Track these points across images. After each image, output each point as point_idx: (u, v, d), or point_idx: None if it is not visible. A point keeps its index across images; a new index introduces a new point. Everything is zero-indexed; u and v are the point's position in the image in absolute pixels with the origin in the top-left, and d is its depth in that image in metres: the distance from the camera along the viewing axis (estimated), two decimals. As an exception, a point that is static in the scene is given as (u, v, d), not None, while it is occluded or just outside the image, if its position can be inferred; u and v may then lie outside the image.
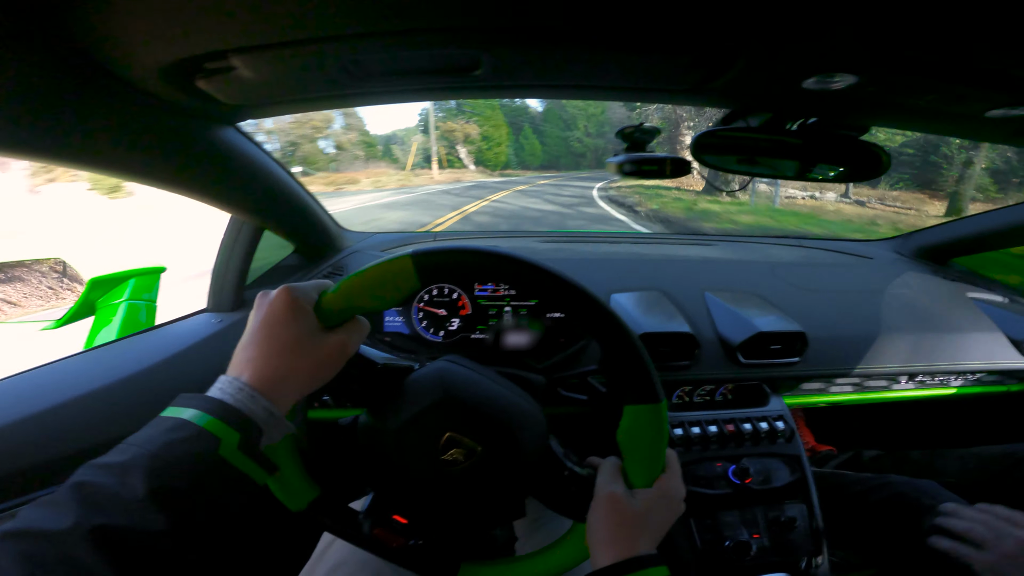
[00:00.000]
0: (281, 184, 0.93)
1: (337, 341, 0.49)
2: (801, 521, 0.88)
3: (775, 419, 0.95)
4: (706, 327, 1.04)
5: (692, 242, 1.51)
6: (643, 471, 0.58)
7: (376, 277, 0.51)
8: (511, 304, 1.01)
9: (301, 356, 0.46)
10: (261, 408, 0.43)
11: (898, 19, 0.43)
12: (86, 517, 0.34)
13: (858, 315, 1.13)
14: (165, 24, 0.43)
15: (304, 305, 0.48)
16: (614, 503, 0.56)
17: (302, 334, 0.47)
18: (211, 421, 0.40)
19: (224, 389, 0.43)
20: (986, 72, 0.54)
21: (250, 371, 0.45)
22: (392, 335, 1.00)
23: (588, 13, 0.44)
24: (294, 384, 0.46)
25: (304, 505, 0.57)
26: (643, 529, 0.55)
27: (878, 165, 0.81)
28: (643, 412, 0.56)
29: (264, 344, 0.46)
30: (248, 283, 1.06)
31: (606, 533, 0.55)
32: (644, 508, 0.56)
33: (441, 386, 0.57)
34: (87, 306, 1.00)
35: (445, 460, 0.56)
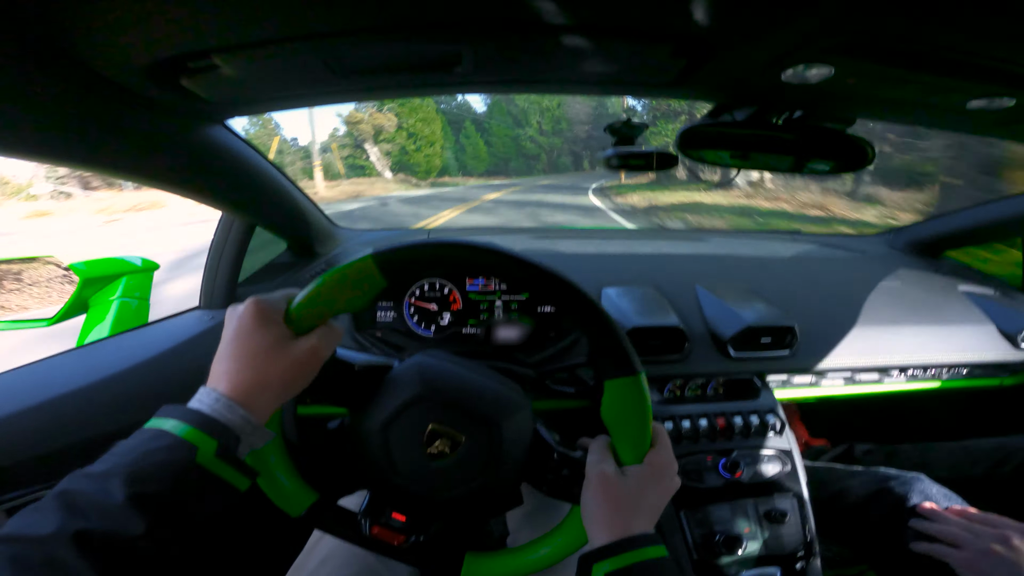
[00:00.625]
0: (271, 181, 0.93)
1: (308, 347, 0.50)
2: (792, 514, 0.89)
3: (766, 412, 0.96)
4: (697, 321, 1.04)
5: (686, 237, 1.51)
6: (631, 447, 0.58)
7: (340, 280, 0.53)
8: (502, 299, 1.01)
9: (273, 364, 0.48)
10: (238, 417, 0.45)
11: (868, 8, 0.43)
12: (69, 522, 0.36)
13: (849, 309, 1.13)
14: (146, 24, 0.43)
15: (271, 315, 0.50)
16: (605, 482, 0.55)
17: (272, 343, 0.48)
18: (189, 431, 0.42)
19: (202, 400, 0.45)
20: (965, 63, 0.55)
21: (225, 382, 0.47)
22: (383, 329, 1.01)
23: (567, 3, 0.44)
24: (269, 392, 0.48)
25: (303, 510, 0.58)
26: (637, 507, 0.55)
27: (863, 158, 0.81)
28: (622, 385, 0.56)
29: (236, 356, 0.48)
30: (241, 280, 1.07)
31: (600, 513, 0.55)
32: (636, 485, 0.55)
33: (419, 380, 0.58)
34: (80, 303, 1.01)
35: (432, 453, 0.57)
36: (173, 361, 0.89)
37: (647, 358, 0.97)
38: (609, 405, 0.57)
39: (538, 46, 0.53)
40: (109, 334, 0.98)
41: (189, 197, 0.82)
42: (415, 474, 0.57)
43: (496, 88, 0.63)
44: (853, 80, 0.62)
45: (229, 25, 0.45)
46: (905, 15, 0.43)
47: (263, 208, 0.98)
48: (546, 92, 0.68)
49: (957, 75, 0.59)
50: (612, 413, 0.57)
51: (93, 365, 0.84)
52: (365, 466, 0.59)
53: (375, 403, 0.58)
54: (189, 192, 0.80)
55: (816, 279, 1.23)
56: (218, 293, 1.02)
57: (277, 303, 0.52)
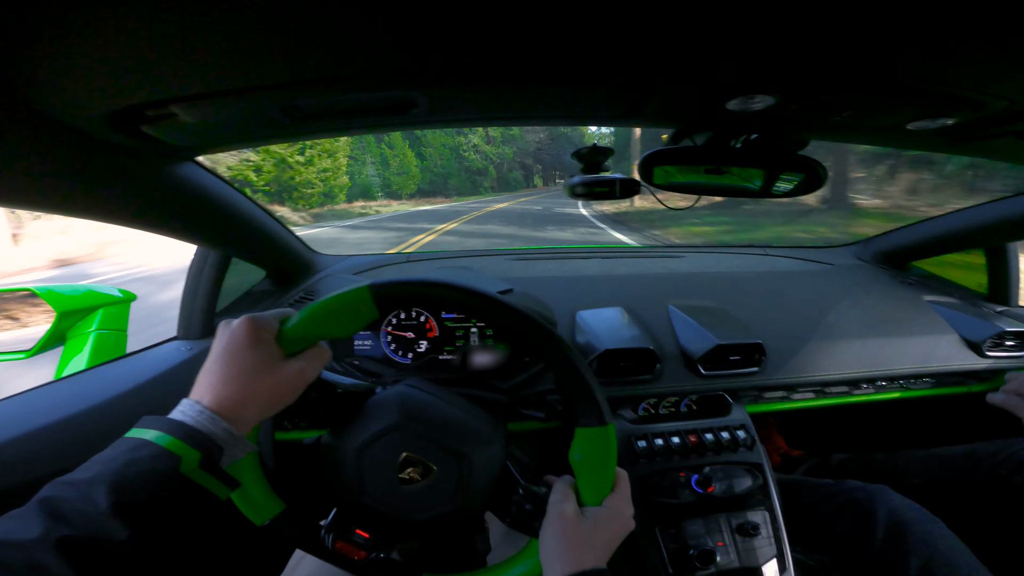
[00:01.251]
0: (244, 213, 0.94)
1: (297, 368, 0.52)
2: (764, 527, 0.90)
3: (736, 428, 0.98)
4: (668, 341, 1.06)
5: (661, 255, 1.54)
6: (593, 490, 0.61)
7: (336, 307, 0.54)
8: (477, 326, 1.03)
9: (260, 381, 0.49)
10: (221, 429, 0.46)
11: (803, 42, 0.45)
12: (52, 528, 0.37)
13: (817, 323, 1.16)
14: (103, 75, 0.45)
15: (264, 333, 0.51)
16: (564, 520, 0.58)
17: (262, 360, 0.50)
18: (172, 441, 0.43)
19: (185, 412, 0.46)
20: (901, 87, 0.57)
21: (211, 395, 0.48)
22: (362, 358, 1.02)
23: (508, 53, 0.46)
24: (254, 407, 0.49)
25: (268, 519, 0.60)
26: (591, 545, 0.57)
27: (816, 178, 0.84)
28: (591, 434, 0.59)
29: (225, 369, 0.49)
30: (219, 310, 1.08)
31: (556, 548, 0.57)
32: (592, 525, 0.58)
33: (399, 409, 0.61)
34: (57, 335, 1.02)
35: (403, 478, 0.59)
36: (152, 392, 0.89)
37: (620, 379, 0.99)
38: (577, 450, 0.60)
39: (488, 91, 0.55)
40: (87, 366, 0.98)
41: (161, 234, 0.83)
42: (385, 496, 0.60)
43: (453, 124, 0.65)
44: (795, 106, 0.65)
45: (186, 76, 0.46)
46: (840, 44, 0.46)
47: (237, 240, 0.99)
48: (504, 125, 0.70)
49: (895, 98, 0.62)
50: (579, 457, 0.61)
51: (72, 397, 0.85)
52: (336, 483, 0.61)
53: (354, 426, 0.61)
54: (160, 229, 0.81)
55: (785, 294, 1.25)
56: (195, 323, 1.03)
57: (270, 322, 0.53)
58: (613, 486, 0.62)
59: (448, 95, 0.56)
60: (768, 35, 0.44)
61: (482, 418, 0.66)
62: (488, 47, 0.45)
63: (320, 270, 1.32)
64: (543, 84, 0.54)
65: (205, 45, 0.40)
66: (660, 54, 0.48)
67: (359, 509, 0.61)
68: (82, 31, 0.37)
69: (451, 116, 0.61)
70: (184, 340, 1.04)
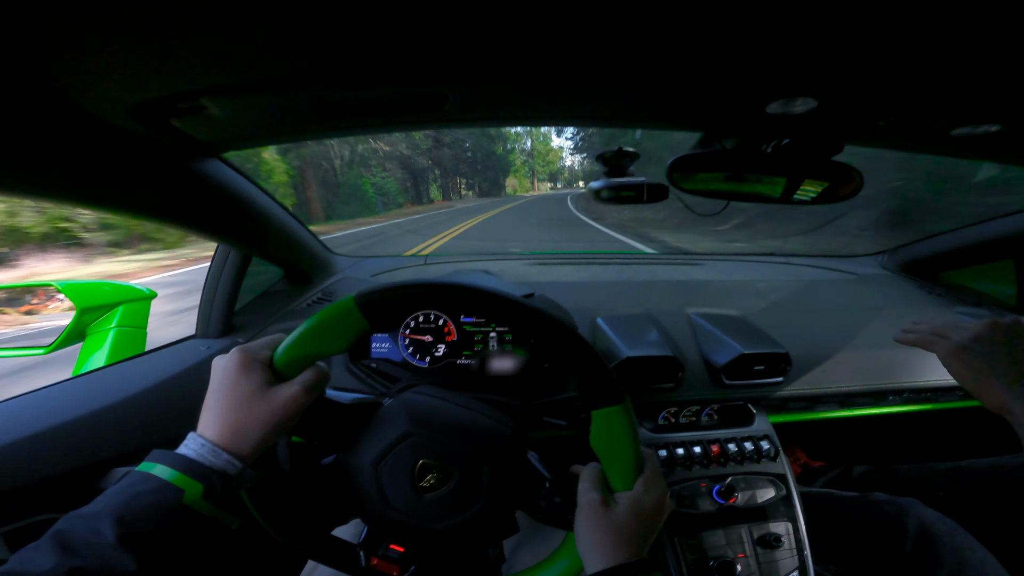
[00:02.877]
0: (267, 213, 0.94)
1: (292, 392, 0.52)
2: (786, 539, 0.88)
3: (760, 438, 0.96)
4: (691, 349, 1.04)
5: (681, 262, 1.52)
6: (620, 474, 0.58)
7: (323, 325, 0.54)
8: (496, 330, 1.01)
9: (256, 409, 0.50)
10: (223, 461, 0.48)
11: (852, 44, 0.44)
12: (64, 560, 0.39)
13: (842, 333, 1.13)
14: (133, 67, 0.45)
15: (254, 362, 0.53)
16: (594, 510, 0.56)
17: (254, 390, 0.51)
18: (175, 475, 0.46)
19: (189, 446, 0.49)
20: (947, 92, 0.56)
21: (211, 428, 0.50)
22: (379, 360, 1.01)
23: (542, 53, 0.45)
24: (253, 435, 0.50)
25: (300, 542, 0.59)
26: (629, 533, 0.55)
27: (851, 185, 0.82)
28: (608, 414, 0.57)
29: (222, 402, 0.51)
30: (237, 308, 1.07)
31: (591, 540, 0.55)
32: (626, 511, 0.56)
33: (407, 418, 0.60)
34: (77, 332, 1.02)
35: (423, 487, 0.58)
36: (170, 390, 0.89)
37: (641, 387, 0.97)
38: (597, 434, 0.58)
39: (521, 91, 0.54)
40: (105, 363, 0.98)
41: (184, 231, 0.83)
42: (408, 507, 0.58)
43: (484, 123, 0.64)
44: (837, 110, 0.63)
45: (216, 69, 0.46)
46: (886, 47, 0.44)
47: (259, 239, 0.99)
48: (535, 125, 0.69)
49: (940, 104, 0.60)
50: (600, 441, 0.58)
51: (92, 394, 0.84)
52: (360, 500, 0.60)
53: (366, 440, 0.59)
54: (184, 226, 0.81)
55: (809, 303, 1.23)
56: (215, 322, 1.03)
57: (261, 350, 0.54)
58: (642, 467, 0.59)
59: (481, 93, 0.55)
60: (813, 36, 0.43)
61: (494, 415, 0.65)
62: (521, 47, 0.44)
63: (338, 271, 1.31)
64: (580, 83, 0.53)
65: (235, 37, 0.40)
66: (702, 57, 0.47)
67: (387, 523, 0.60)
68: (113, 22, 0.37)
69: (482, 115, 0.60)
70: (203, 339, 1.03)
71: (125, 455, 0.81)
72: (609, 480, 0.59)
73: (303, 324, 0.54)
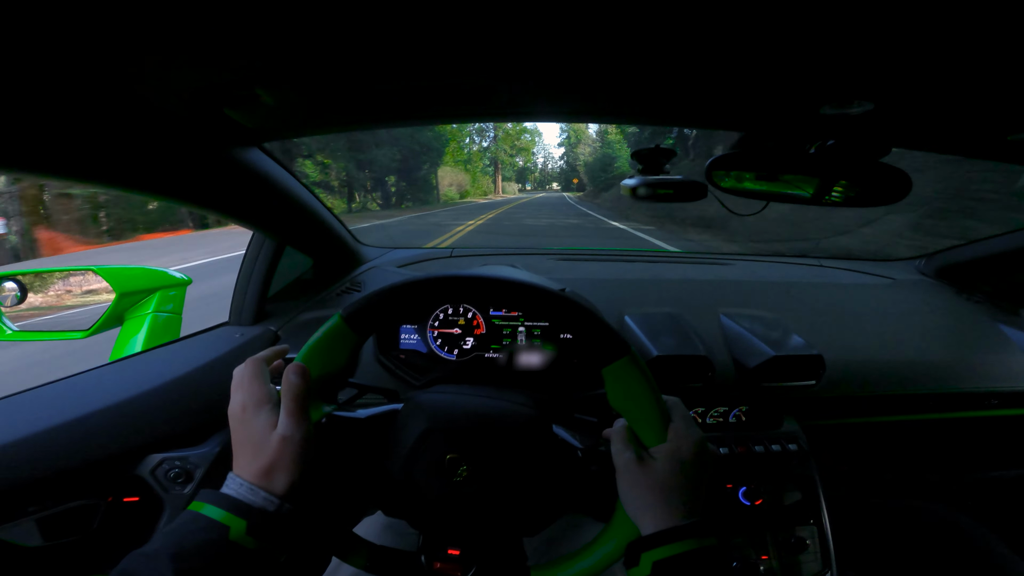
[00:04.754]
0: (302, 202, 0.95)
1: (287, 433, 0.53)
2: (812, 543, 0.87)
3: (789, 441, 0.94)
4: (720, 349, 1.03)
5: (708, 261, 1.50)
6: (648, 427, 0.56)
7: (316, 348, 0.56)
8: (525, 324, 1.01)
9: (273, 452, 0.52)
10: (261, 499, 0.50)
11: (913, 45, 0.43)
12: None
13: (877, 338, 1.11)
14: (195, 55, 0.45)
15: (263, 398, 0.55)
16: (631, 469, 0.54)
17: (265, 430, 0.53)
18: (221, 513, 0.48)
19: (230, 486, 0.51)
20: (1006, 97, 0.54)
21: (245, 470, 0.52)
22: (407, 352, 1.01)
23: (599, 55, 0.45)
24: (282, 473, 0.52)
25: (365, 560, 0.61)
26: (674, 488, 0.53)
27: (898, 188, 0.80)
28: (617, 369, 0.55)
29: (244, 447, 0.53)
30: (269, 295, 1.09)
31: (638, 502, 0.54)
32: (665, 465, 0.54)
33: (424, 416, 0.59)
34: (115, 316, 1.04)
35: (457, 481, 0.57)
36: (204, 377, 0.90)
37: (670, 387, 0.96)
38: (613, 392, 0.56)
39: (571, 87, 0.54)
40: (143, 348, 1.00)
41: (223, 216, 0.85)
42: (449, 504, 0.58)
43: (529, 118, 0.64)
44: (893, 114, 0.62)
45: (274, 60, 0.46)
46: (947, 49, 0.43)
47: (293, 228, 1.00)
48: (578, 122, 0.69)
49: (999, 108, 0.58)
50: (618, 399, 0.56)
51: (130, 380, 0.86)
52: (405, 506, 0.61)
53: (391, 447, 0.60)
54: (223, 212, 0.83)
55: (843, 306, 1.21)
56: (247, 310, 1.04)
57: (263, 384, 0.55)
58: (668, 416, 0.57)
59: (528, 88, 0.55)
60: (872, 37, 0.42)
61: (512, 397, 0.64)
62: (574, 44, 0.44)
63: (365, 261, 1.32)
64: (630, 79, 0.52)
65: (294, 29, 0.40)
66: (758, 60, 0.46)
67: (437, 523, 0.61)
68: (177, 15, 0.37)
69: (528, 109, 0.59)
70: (236, 326, 1.05)
71: (161, 441, 0.83)
72: (640, 436, 0.57)
73: (298, 354, 0.56)
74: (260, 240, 1.02)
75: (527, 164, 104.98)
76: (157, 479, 0.83)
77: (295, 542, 0.52)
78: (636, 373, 0.55)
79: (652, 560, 0.50)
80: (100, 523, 0.80)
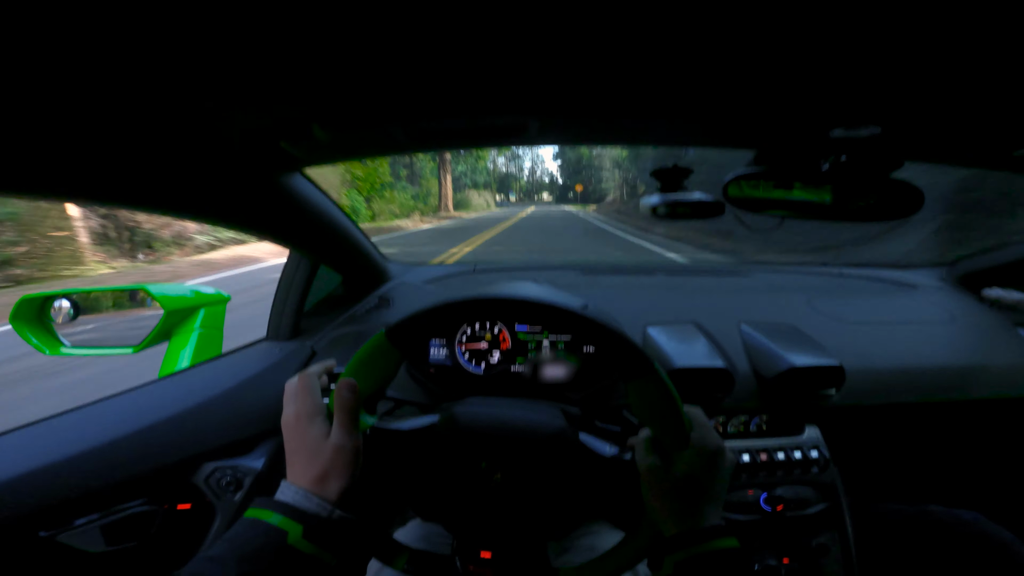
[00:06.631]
0: (336, 223, 1.01)
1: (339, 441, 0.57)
2: (834, 549, 0.88)
3: (810, 448, 0.96)
4: (741, 360, 1.05)
5: (728, 273, 1.52)
6: (670, 436, 0.59)
7: (362, 362, 0.61)
8: (549, 338, 1.05)
9: (326, 460, 0.56)
10: (315, 504, 0.54)
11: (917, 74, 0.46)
12: None
13: (899, 347, 1.12)
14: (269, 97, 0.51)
15: (315, 409, 0.59)
16: (654, 475, 0.57)
17: (319, 439, 0.57)
18: (279, 518, 0.52)
19: (285, 493, 0.55)
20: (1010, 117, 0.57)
21: (299, 476, 0.56)
22: (436, 367, 1.06)
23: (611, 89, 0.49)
24: (335, 479, 0.56)
25: (408, 565, 0.64)
26: (693, 493, 0.56)
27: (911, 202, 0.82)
28: (642, 384, 0.59)
29: (298, 456, 0.57)
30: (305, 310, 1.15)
31: (661, 507, 0.57)
32: (685, 472, 0.57)
33: (459, 428, 0.64)
34: (163, 333, 1.10)
35: (492, 487, 0.62)
36: (247, 391, 0.96)
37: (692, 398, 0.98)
38: (636, 404, 0.60)
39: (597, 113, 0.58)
40: (190, 364, 1.07)
41: (264, 239, 0.91)
42: (483, 508, 0.63)
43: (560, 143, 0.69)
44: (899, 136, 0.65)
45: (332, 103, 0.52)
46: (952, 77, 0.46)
47: (328, 247, 1.06)
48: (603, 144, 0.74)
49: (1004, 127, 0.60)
50: (642, 410, 0.60)
51: (180, 395, 0.92)
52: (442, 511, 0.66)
53: (429, 456, 0.65)
54: (266, 233, 0.89)
55: (864, 315, 1.22)
56: (285, 326, 1.10)
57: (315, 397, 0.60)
58: (689, 425, 0.60)
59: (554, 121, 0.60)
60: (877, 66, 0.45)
61: (538, 408, 0.68)
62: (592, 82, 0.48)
63: (391, 278, 1.37)
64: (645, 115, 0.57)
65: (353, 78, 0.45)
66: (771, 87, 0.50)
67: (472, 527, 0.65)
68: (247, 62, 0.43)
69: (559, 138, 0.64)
70: (274, 341, 1.11)
71: (213, 451, 0.89)
72: (663, 444, 0.60)
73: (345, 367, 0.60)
74: (296, 259, 1.08)
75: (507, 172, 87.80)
76: (210, 487, 0.88)
77: (345, 547, 0.55)
78: (660, 387, 0.59)
79: (675, 561, 0.53)
80: (157, 529, 0.85)
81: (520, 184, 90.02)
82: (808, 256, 6.60)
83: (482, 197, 54.97)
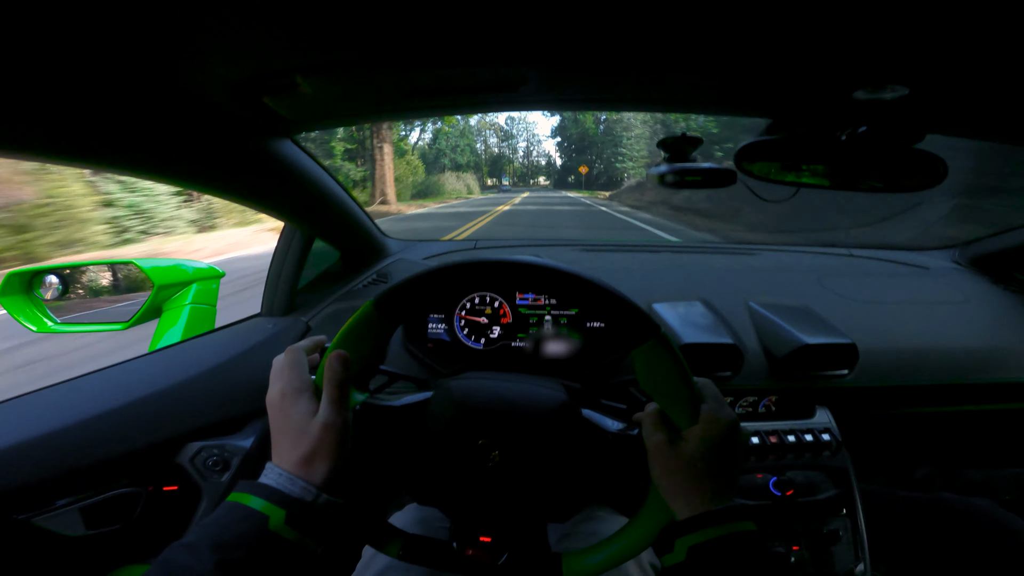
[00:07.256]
0: (331, 194, 0.97)
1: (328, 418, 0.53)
2: (845, 535, 0.86)
3: (821, 431, 0.93)
4: (749, 338, 1.02)
5: (735, 251, 1.48)
6: (679, 409, 0.55)
7: (350, 334, 0.56)
8: (551, 313, 1.02)
9: (313, 440, 0.52)
10: (299, 488, 0.50)
11: (951, 26, 0.42)
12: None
13: (912, 328, 1.09)
14: (237, 44, 0.47)
15: (301, 386, 0.55)
16: (663, 452, 0.53)
17: (305, 419, 0.53)
18: (261, 503, 0.49)
19: (268, 476, 0.52)
20: None
21: (284, 459, 0.53)
22: (435, 341, 1.03)
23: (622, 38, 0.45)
24: (321, 461, 0.52)
25: (401, 549, 0.61)
26: (706, 472, 0.52)
27: (933, 174, 0.78)
28: (647, 350, 0.54)
29: (283, 436, 0.54)
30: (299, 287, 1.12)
31: (670, 485, 0.53)
32: (696, 448, 0.52)
33: (452, 403, 0.60)
34: (154, 308, 1.07)
35: (490, 466, 0.58)
36: (239, 367, 0.93)
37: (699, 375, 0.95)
38: (642, 373, 0.55)
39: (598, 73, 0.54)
40: (180, 339, 1.04)
41: (255, 208, 0.87)
42: (481, 489, 0.59)
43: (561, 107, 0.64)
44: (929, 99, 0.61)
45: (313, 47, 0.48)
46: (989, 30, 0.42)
47: (323, 220, 1.02)
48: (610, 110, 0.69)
49: None
50: (648, 381, 0.55)
51: (168, 369, 0.89)
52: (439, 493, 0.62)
53: (424, 434, 0.61)
54: (256, 203, 0.85)
55: (876, 295, 1.19)
56: (279, 301, 1.07)
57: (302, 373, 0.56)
58: (700, 398, 0.56)
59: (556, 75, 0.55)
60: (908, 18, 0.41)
61: (539, 381, 0.64)
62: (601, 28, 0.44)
63: (391, 254, 1.34)
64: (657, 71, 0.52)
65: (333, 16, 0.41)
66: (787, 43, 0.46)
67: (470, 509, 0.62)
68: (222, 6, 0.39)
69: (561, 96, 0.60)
70: (268, 317, 1.08)
71: (200, 430, 0.86)
72: (672, 418, 0.56)
73: (333, 339, 0.56)
74: (290, 233, 1.05)
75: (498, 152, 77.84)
76: (196, 467, 0.85)
77: (332, 533, 0.52)
78: (666, 354, 0.54)
79: (688, 545, 0.49)
80: (141, 511, 0.82)
81: (514, 167, 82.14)
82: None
83: (462, 181, 47.42)
